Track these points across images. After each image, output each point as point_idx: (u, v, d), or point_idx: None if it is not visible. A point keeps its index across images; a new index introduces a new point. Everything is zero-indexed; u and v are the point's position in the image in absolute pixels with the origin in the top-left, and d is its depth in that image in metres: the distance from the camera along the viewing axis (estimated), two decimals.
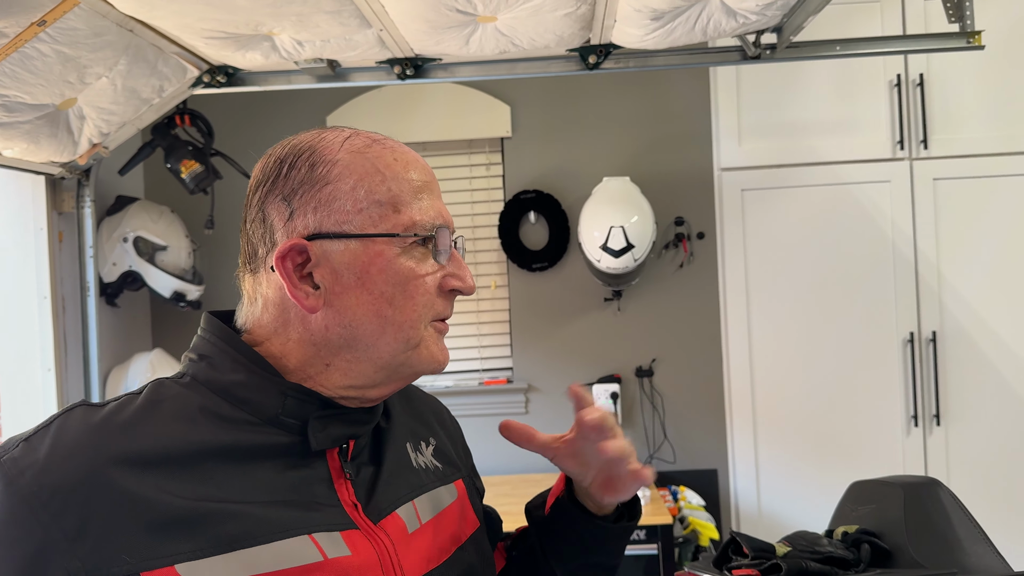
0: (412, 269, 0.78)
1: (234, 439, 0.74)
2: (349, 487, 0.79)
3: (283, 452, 0.76)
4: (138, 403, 0.75)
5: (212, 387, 0.77)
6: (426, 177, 0.81)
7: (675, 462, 3.34)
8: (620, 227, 2.98)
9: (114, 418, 0.73)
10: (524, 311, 3.44)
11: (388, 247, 0.77)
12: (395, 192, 0.78)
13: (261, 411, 0.76)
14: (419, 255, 0.79)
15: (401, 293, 0.77)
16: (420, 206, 0.79)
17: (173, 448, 0.72)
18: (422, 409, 0.98)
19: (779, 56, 2.40)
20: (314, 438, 0.77)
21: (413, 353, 0.79)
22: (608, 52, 2.37)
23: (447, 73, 2.52)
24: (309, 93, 3.34)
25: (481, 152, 3.48)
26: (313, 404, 0.77)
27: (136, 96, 2.30)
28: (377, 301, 0.77)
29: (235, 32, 2.00)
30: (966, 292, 3.18)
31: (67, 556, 0.65)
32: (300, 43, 2.12)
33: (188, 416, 0.74)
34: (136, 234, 3.00)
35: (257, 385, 0.77)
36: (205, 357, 0.79)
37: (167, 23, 1.93)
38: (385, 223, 0.77)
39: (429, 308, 0.80)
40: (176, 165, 2.84)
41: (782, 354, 3.24)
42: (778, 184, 3.24)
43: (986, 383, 3.18)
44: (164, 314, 3.37)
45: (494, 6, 1.89)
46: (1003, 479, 3.14)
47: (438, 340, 0.82)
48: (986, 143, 3.18)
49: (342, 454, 0.80)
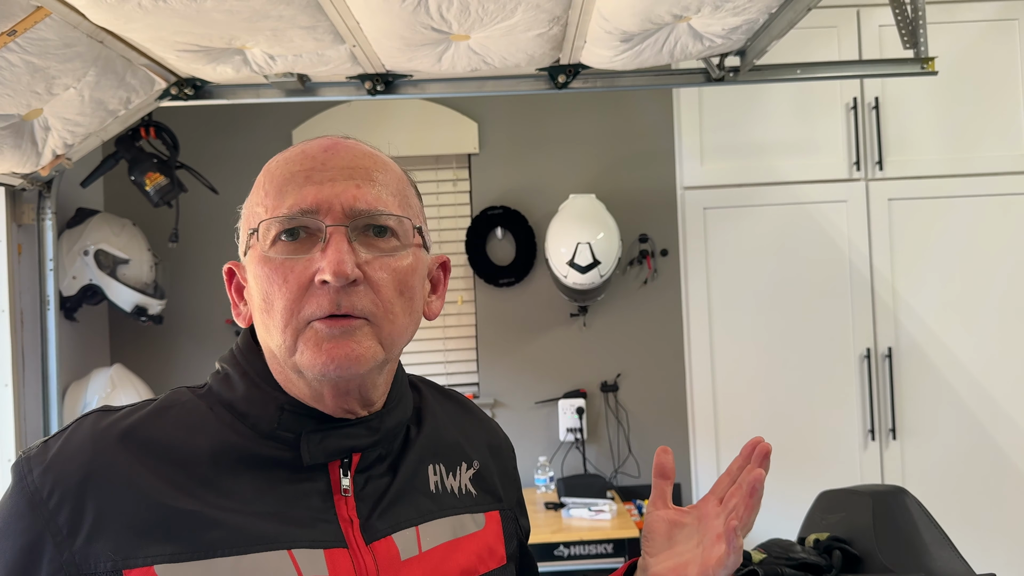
0: (273, 270, 0.74)
1: (231, 449, 0.76)
2: (350, 503, 0.77)
3: (280, 465, 0.77)
4: (150, 407, 0.78)
5: (221, 400, 0.80)
6: (303, 165, 0.76)
7: (640, 476, 3.38)
8: (587, 243, 3.02)
9: (123, 421, 0.76)
10: (491, 326, 3.46)
11: (257, 254, 0.76)
12: (265, 193, 0.77)
13: (259, 425, 0.77)
14: (284, 253, 0.74)
15: (267, 298, 0.75)
16: (282, 200, 0.75)
17: (173, 449, 0.74)
18: (472, 431, 0.94)
19: (742, 79, 2.47)
20: (306, 452, 0.76)
21: (296, 358, 0.74)
22: (577, 72, 2.42)
23: (417, 89, 2.54)
24: (276, 107, 3.34)
25: (448, 168, 3.51)
26: (310, 418, 0.78)
27: (103, 107, 2.28)
28: (257, 309, 0.77)
29: (208, 45, 2.00)
30: (920, 309, 3.29)
31: (60, 549, 0.69)
32: (272, 57, 2.13)
33: (192, 423, 0.77)
34: (97, 247, 2.96)
35: (257, 399, 0.78)
36: (224, 369, 0.82)
37: (141, 36, 1.93)
38: (254, 226, 0.77)
39: (294, 309, 0.73)
40: (140, 178, 2.82)
41: (743, 369, 3.31)
42: (739, 203, 3.32)
43: (940, 398, 3.28)
44: (123, 329, 3.32)
45: (468, 25, 1.92)
46: (957, 491, 3.24)
47: (321, 339, 0.73)
48: (939, 165, 3.30)
49: (344, 468, 0.78)
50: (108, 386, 2.98)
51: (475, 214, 3.44)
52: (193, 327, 3.37)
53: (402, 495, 0.81)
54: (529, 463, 3.33)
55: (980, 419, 3.27)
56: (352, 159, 0.78)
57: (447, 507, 0.84)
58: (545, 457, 3.30)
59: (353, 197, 0.75)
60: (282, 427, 0.77)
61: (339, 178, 0.76)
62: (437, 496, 0.84)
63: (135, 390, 3.01)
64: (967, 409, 3.28)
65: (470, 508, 0.87)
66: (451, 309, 3.47)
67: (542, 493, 3.21)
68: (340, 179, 0.76)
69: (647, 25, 1.95)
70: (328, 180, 0.76)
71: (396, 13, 1.83)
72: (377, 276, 0.75)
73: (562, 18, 1.96)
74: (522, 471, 3.65)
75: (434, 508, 0.83)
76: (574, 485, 3.17)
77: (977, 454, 3.26)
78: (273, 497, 0.75)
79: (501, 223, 3.42)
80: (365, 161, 0.78)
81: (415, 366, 3.43)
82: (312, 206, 0.74)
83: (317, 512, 0.76)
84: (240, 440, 0.76)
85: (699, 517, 0.81)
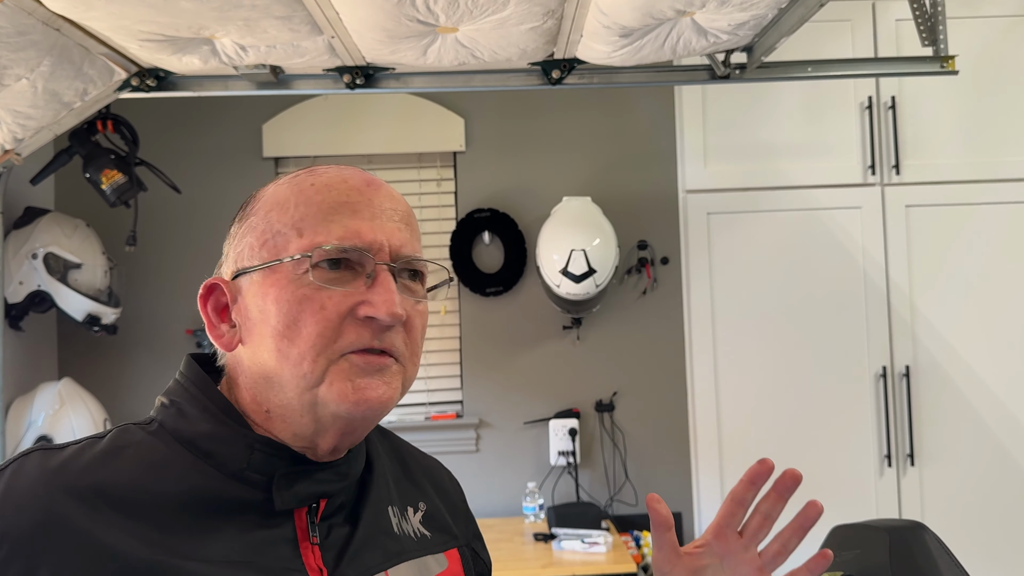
0: (306, 296, 0.77)
1: (197, 493, 0.76)
2: (316, 551, 0.79)
3: (248, 509, 0.77)
4: (100, 447, 0.77)
5: (179, 437, 0.80)
6: (350, 198, 0.80)
7: (637, 504, 3.41)
8: (581, 250, 3.05)
9: (73, 463, 0.75)
10: (476, 339, 3.48)
11: (284, 276, 0.78)
12: (300, 216, 0.79)
13: (226, 465, 0.78)
14: (322, 280, 0.77)
15: (294, 324, 0.77)
16: (328, 227, 0.78)
17: (132, 496, 0.74)
18: (414, 470, 0.98)
19: (749, 76, 2.51)
20: (279, 497, 0.78)
21: (320, 391, 0.77)
22: (572, 67, 2.45)
23: (400, 83, 2.56)
24: (245, 100, 3.35)
25: (432, 167, 3.53)
26: (282, 459, 0.79)
27: (57, 99, 2.29)
28: (273, 334, 0.77)
29: (174, 35, 2.02)
30: (940, 325, 3.34)
31: None
32: (244, 48, 2.14)
33: (152, 465, 0.77)
34: (47, 250, 2.97)
35: (224, 437, 0.79)
36: (176, 403, 0.82)
37: (101, 24, 1.94)
38: (285, 251, 0.78)
39: (330, 338, 0.76)
40: (96, 175, 2.82)
41: (749, 388, 3.34)
42: (745, 208, 3.36)
43: (961, 421, 3.33)
44: (73, 340, 3.32)
45: (457, 17, 1.95)
46: (979, 522, 3.29)
47: (354, 374, 0.77)
48: (960, 170, 3.35)
49: (311, 514, 0.80)
50: (56, 402, 2.98)
51: (460, 217, 3.47)
52: (150, 338, 3.37)
53: (367, 540, 0.84)
54: (517, 489, 3.35)
55: (1004, 444, 3.32)
56: (393, 201, 0.83)
57: (410, 549, 0.88)
58: (534, 483, 3.32)
59: (400, 240, 0.81)
60: (252, 467, 0.78)
61: (385, 218, 0.81)
62: (400, 538, 0.87)
63: (85, 407, 3.01)
64: (990, 432, 3.33)
65: (430, 549, 0.90)
66: (434, 320, 3.48)
67: (531, 523, 3.23)
68: (388, 220, 0.81)
69: (648, 20, 1.98)
70: (377, 218, 0.80)
71: (379, 4, 1.85)
72: (411, 318, 0.81)
73: (557, 11, 1.99)
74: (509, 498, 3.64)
75: (400, 550, 0.86)
76: (566, 514, 3.19)
77: (1002, 481, 3.31)
78: (241, 545, 0.76)
79: (488, 227, 3.45)
80: (402, 205, 0.84)
81: None
82: (367, 244, 0.79)
83: (287, 561, 0.77)
84: (206, 482, 0.77)
85: (722, 555, 0.89)
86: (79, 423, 2.97)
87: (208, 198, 3.37)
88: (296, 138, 3.43)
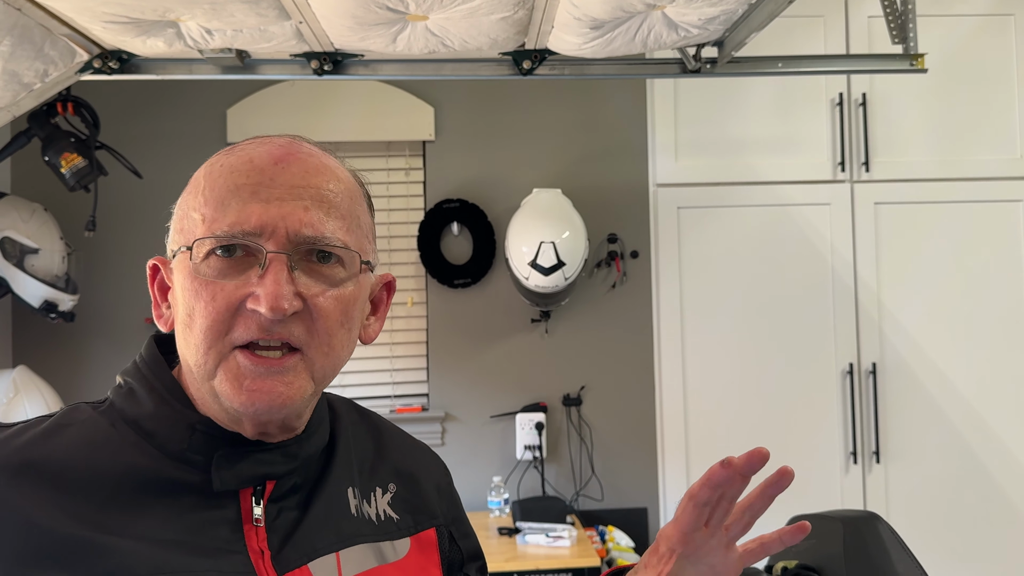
0: (201, 286, 0.76)
1: (134, 472, 0.78)
2: (261, 533, 0.80)
3: (190, 490, 0.79)
4: (45, 425, 0.80)
5: (124, 416, 0.82)
6: (249, 179, 0.78)
7: (603, 500, 3.47)
8: (551, 243, 3.09)
9: (12, 440, 0.78)
10: (443, 331, 3.51)
11: (186, 264, 0.78)
12: (204, 201, 0.78)
13: (167, 446, 0.79)
14: (215, 270, 0.76)
15: (191, 313, 0.77)
16: (224, 213, 0.77)
17: (70, 471, 0.76)
18: (391, 451, 0.97)
19: (719, 71, 2.57)
20: (217, 477, 0.78)
21: (215, 384, 0.77)
22: (543, 58, 2.49)
23: (369, 71, 2.59)
24: (209, 84, 3.35)
25: (400, 155, 3.56)
26: (222, 441, 0.80)
27: (17, 80, 2.29)
28: (180, 321, 0.79)
29: (139, 17, 2.03)
30: (907, 322, 3.43)
31: None
32: (209, 32, 2.16)
33: (90, 443, 0.79)
34: (3, 234, 2.96)
35: (166, 417, 0.80)
36: (128, 383, 0.84)
37: (64, 4, 1.95)
38: (193, 236, 0.78)
39: (220, 331, 0.76)
40: (55, 158, 2.82)
41: (716, 384, 3.41)
42: (715, 203, 3.42)
43: (928, 418, 3.42)
44: (28, 326, 3.31)
45: (427, 6, 1.98)
46: (944, 519, 3.38)
47: (243, 375, 0.76)
48: (930, 167, 3.44)
49: (257, 496, 0.81)
50: (10, 390, 2.97)
51: (429, 207, 3.50)
52: (108, 326, 3.37)
53: (319, 523, 0.84)
54: (482, 483, 3.39)
55: (970, 442, 3.41)
56: (303, 175, 0.79)
57: (366, 533, 0.87)
58: (500, 477, 3.37)
59: (299, 221, 0.77)
60: (192, 449, 0.79)
61: (287, 198, 0.78)
62: (359, 520, 0.87)
63: (41, 395, 3.00)
64: (956, 431, 3.42)
65: (392, 535, 0.90)
66: (400, 312, 3.51)
67: (496, 517, 3.27)
68: (288, 199, 0.78)
69: (618, 13, 2.03)
70: (275, 199, 0.77)
71: None
72: (317, 305, 0.78)
73: (528, 2, 2.04)
74: (474, 492, 3.67)
75: (356, 532, 0.86)
76: (531, 508, 3.24)
77: (966, 480, 3.40)
78: (178, 525, 0.77)
79: (457, 217, 3.48)
80: (316, 178, 0.80)
81: (357, 373, 3.48)
82: (256, 228, 0.76)
83: (225, 543, 0.78)
84: (146, 461, 0.78)
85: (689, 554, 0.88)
86: (34, 412, 2.97)
87: (170, 184, 3.33)
88: (261, 124, 3.43)
